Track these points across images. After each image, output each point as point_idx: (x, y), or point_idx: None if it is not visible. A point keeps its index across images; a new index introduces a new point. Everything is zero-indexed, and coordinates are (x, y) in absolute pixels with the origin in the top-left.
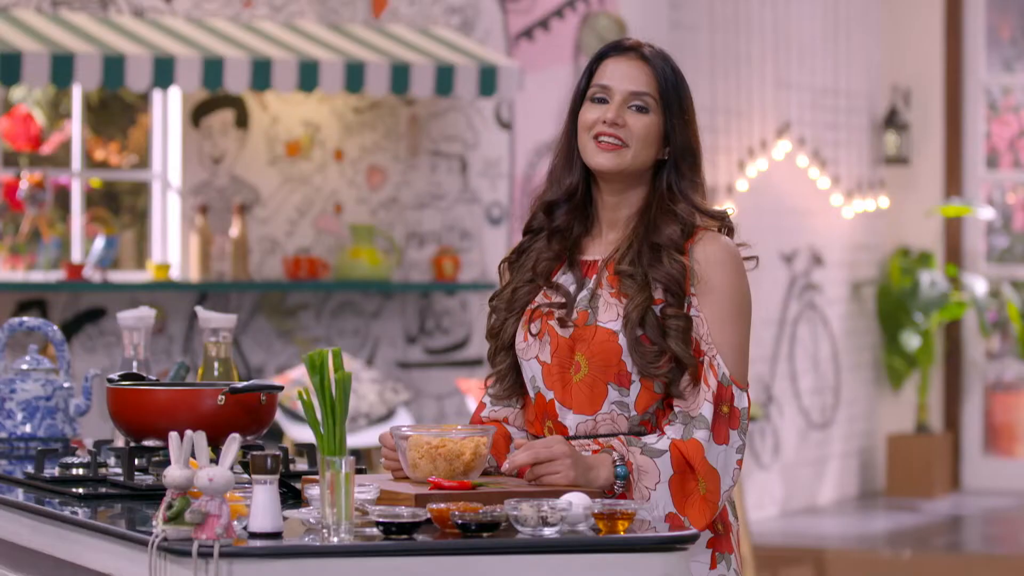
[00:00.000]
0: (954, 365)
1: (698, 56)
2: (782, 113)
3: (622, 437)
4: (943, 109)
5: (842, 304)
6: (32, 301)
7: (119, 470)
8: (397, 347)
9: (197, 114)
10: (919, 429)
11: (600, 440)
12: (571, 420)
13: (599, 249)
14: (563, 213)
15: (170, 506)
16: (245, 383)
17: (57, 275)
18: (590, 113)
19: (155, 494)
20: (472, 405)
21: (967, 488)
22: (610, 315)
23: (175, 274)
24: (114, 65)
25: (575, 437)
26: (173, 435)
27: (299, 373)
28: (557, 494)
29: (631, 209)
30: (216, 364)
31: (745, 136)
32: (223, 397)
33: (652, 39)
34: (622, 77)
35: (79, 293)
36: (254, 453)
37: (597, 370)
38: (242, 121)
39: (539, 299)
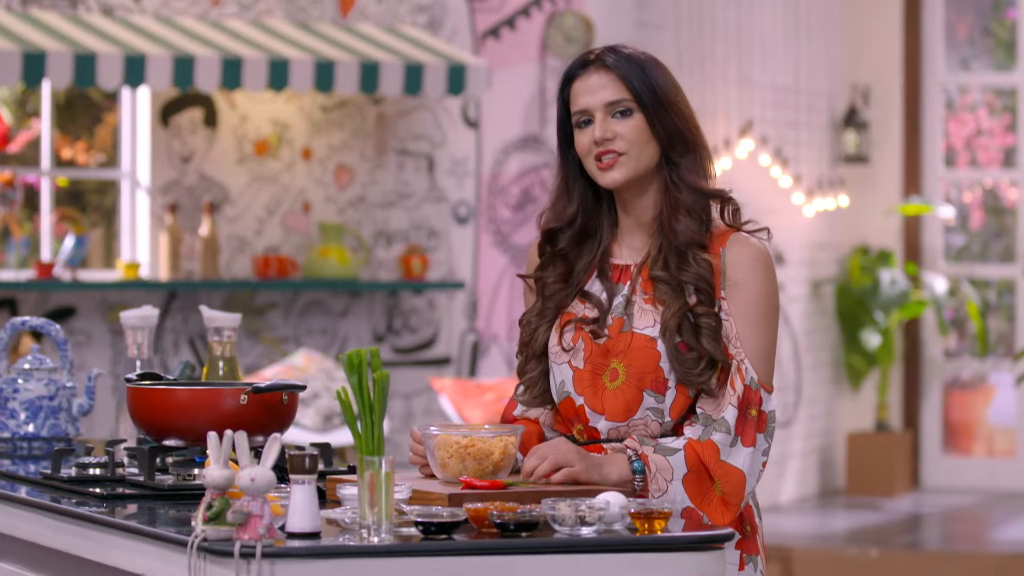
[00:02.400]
0: (913, 364)
1: (664, 55)
2: (745, 112)
3: (635, 436)
4: (902, 108)
5: (802, 303)
6: (2, 300)
7: (135, 470)
8: (365, 346)
9: (166, 113)
10: (879, 427)
11: (614, 444)
12: (603, 425)
13: (630, 253)
14: (566, 238)
15: (210, 506)
16: (268, 382)
17: (27, 274)
18: (582, 139)
19: (176, 494)
20: (445, 405)
21: (926, 486)
22: (646, 321)
23: (144, 273)
24: (85, 63)
25: (607, 440)
26: (212, 435)
27: (271, 373)
28: (592, 493)
29: (654, 210)
30: (221, 363)
31: (709, 135)
32: (246, 396)
33: (618, 38)
34: (594, 92)
35: (49, 292)
36: (292, 453)
37: (634, 377)
38: (211, 120)
39: (574, 307)
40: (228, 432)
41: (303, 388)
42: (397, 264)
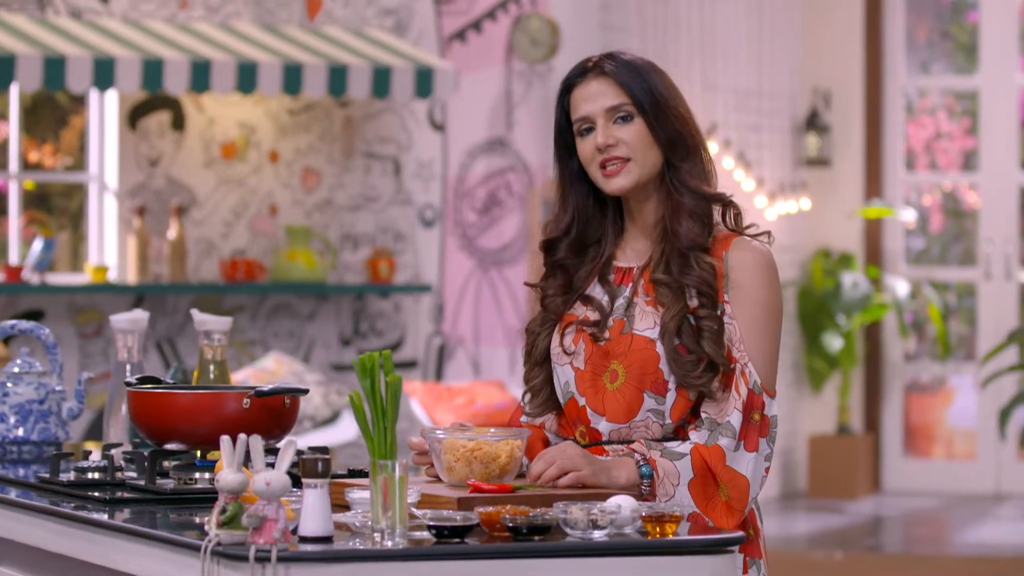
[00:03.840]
0: (874, 366)
1: None
2: (709, 115)
3: (642, 440)
4: (863, 111)
5: None
6: None
7: (133, 473)
8: (331, 349)
9: (134, 116)
10: (840, 430)
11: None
12: (604, 427)
13: (633, 256)
14: (563, 248)
15: (224, 510)
16: (271, 386)
17: None
18: (584, 147)
19: (178, 498)
20: (415, 408)
21: (887, 489)
22: (647, 323)
23: (113, 276)
24: (54, 66)
25: (608, 442)
26: (225, 439)
27: (242, 377)
28: (601, 497)
29: (657, 213)
30: (212, 367)
31: None
32: (248, 400)
33: (583, 41)
34: (593, 99)
35: (17, 295)
36: (304, 457)
37: (634, 379)
38: (178, 123)
39: (576, 309)
40: (242, 436)
41: (305, 392)
42: (364, 267)
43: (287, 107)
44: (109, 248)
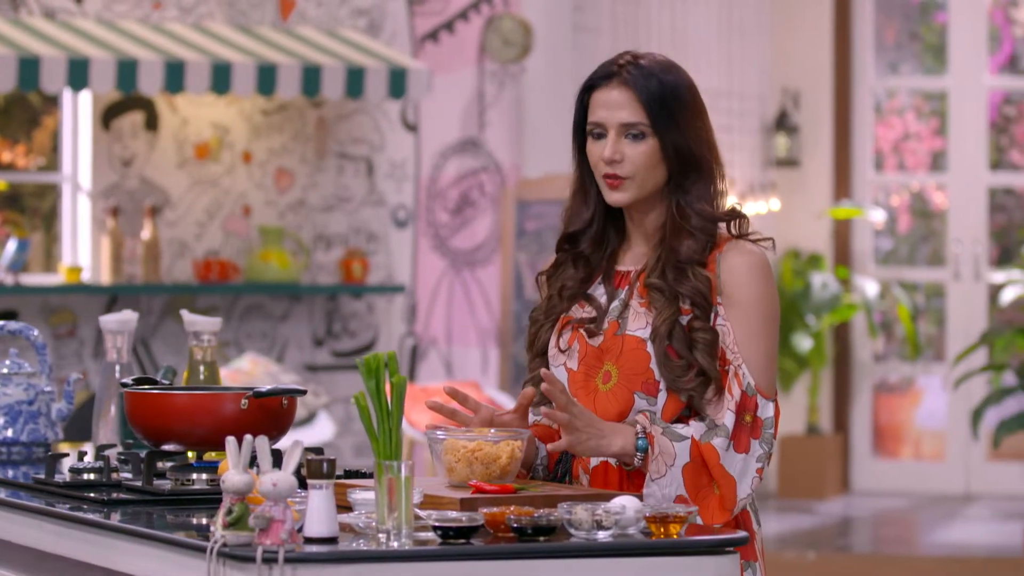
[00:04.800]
0: (843, 367)
1: (600, 57)
2: None
3: (647, 413)
4: (832, 112)
5: None
6: None
7: (128, 475)
8: (304, 350)
9: (107, 116)
10: (810, 431)
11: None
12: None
13: (633, 260)
14: (586, 240)
15: (229, 511)
16: (269, 387)
17: None
18: (593, 150)
19: (176, 500)
20: None
21: (857, 489)
22: (639, 324)
23: (86, 277)
24: (29, 67)
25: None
26: (231, 440)
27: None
28: (607, 497)
29: (658, 222)
30: (201, 368)
31: None
32: (246, 401)
33: (555, 42)
34: (611, 109)
35: None
36: (310, 458)
37: (626, 379)
38: (152, 123)
39: (573, 310)
40: (248, 437)
41: (303, 393)
42: (337, 268)
43: (260, 107)
44: (83, 249)
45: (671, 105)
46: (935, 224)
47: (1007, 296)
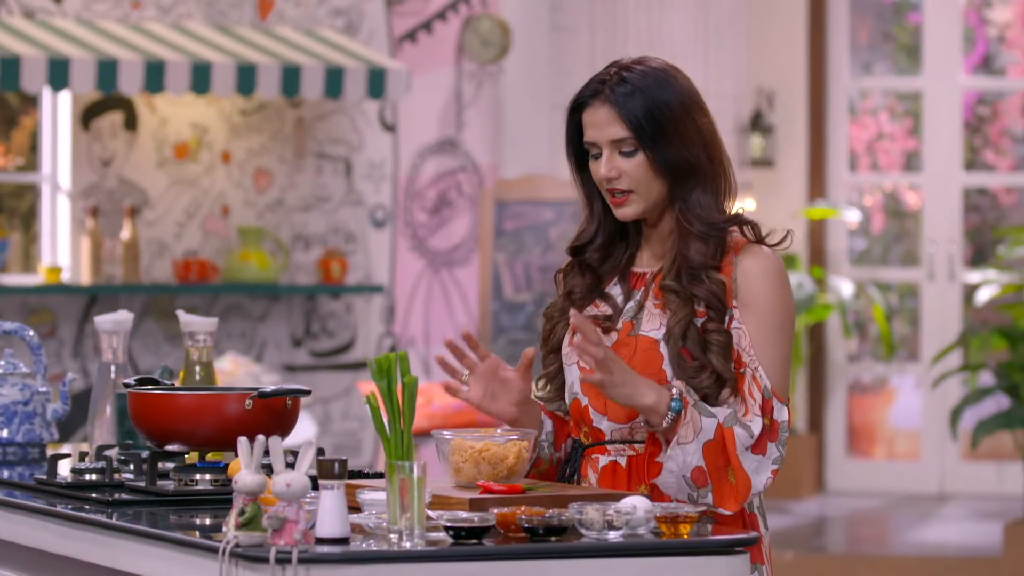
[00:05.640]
0: (818, 367)
1: (577, 58)
2: None
3: (683, 381)
4: (807, 112)
5: None
6: None
7: (130, 475)
8: (283, 350)
9: (86, 116)
10: None
11: (636, 447)
12: (606, 426)
13: (650, 261)
14: (591, 252)
15: (242, 512)
16: (273, 387)
17: None
18: (595, 170)
19: (180, 500)
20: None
21: (831, 489)
22: (652, 324)
23: (66, 277)
24: (10, 67)
25: (611, 441)
26: (243, 440)
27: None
28: (616, 497)
29: (669, 227)
30: (198, 368)
31: None
32: (251, 401)
33: (534, 42)
34: (599, 128)
35: None
36: (321, 459)
37: None
38: (131, 123)
39: (589, 309)
40: (260, 438)
41: (308, 393)
42: (315, 268)
43: (239, 107)
44: (62, 249)
45: (657, 119)
46: (908, 224)
47: (982, 296)
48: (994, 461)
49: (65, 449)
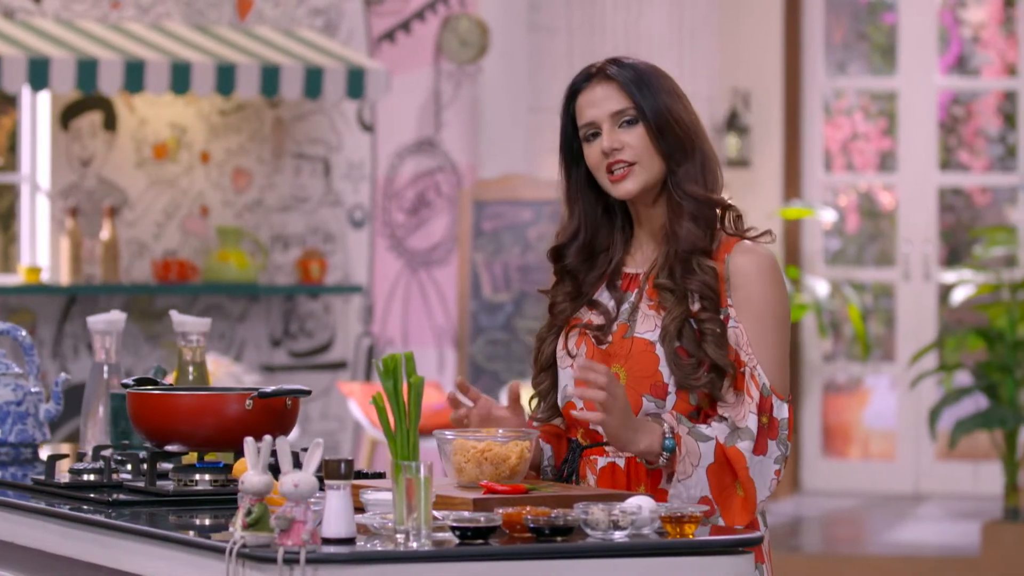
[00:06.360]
0: (794, 367)
1: (555, 58)
2: None
3: (673, 412)
4: (782, 112)
5: None
6: None
7: (128, 476)
8: (262, 350)
9: (66, 116)
10: None
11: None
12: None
13: (641, 260)
14: (572, 254)
15: (249, 512)
16: (274, 388)
17: None
18: (591, 152)
19: (180, 500)
20: (354, 409)
21: (806, 489)
22: (647, 326)
23: (46, 277)
24: None
25: (607, 443)
26: (249, 440)
27: (171, 379)
28: (620, 497)
29: (663, 218)
30: (191, 368)
31: None
32: (251, 401)
33: (512, 42)
34: (598, 104)
35: None
36: (328, 459)
37: (635, 381)
38: (110, 123)
39: (580, 313)
40: (267, 438)
41: (308, 393)
42: (294, 268)
43: (218, 107)
44: (41, 249)
45: (652, 91)
46: (883, 224)
47: (957, 296)
48: (969, 461)
49: (52, 449)
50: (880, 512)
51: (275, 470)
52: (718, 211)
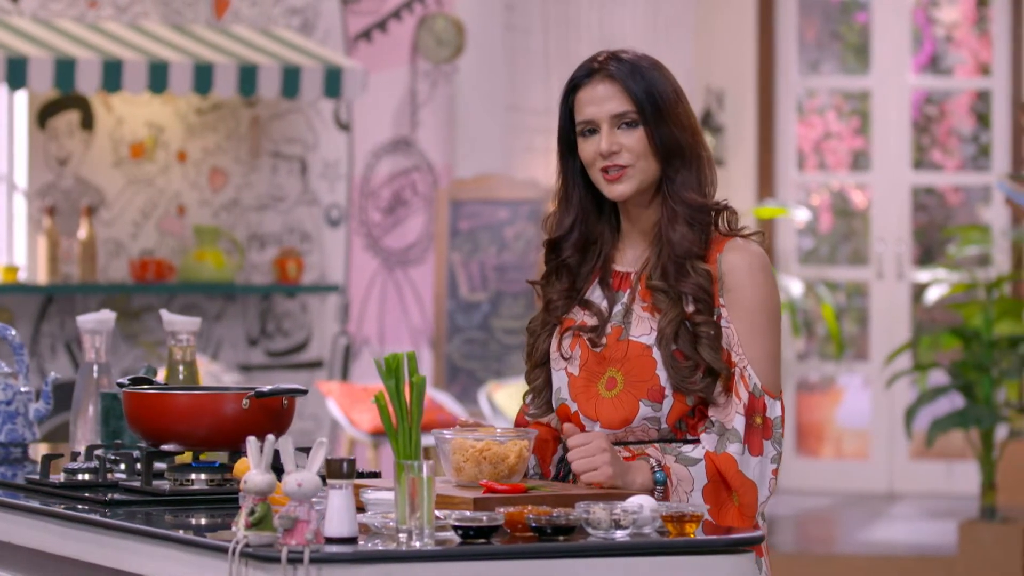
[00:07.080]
0: None
1: (531, 57)
2: None
3: (656, 445)
4: (756, 111)
5: None
6: None
7: (123, 475)
8: (239, 349)
9: (43, 115)
10: None
11: (631, 447)
12: (599, 430)
13: (631, 259)
14: (568, 247)
15: (252, 511)
16: (270, 387)
17: None
18: (587, 148)
19: (176, 500)
20: (332, 408)
21: (780, 488)
22: (643, 329)
23: (23, 276)
24: None
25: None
26: (252, 440)
27: (159, 378)
28: (621, 496)
29: (654, 218)
30: (181, 368)
31: None
32: (248, 401)
33: (488, 41)
34: (599, 103)
35: None
36: (330, 458)
37: (631, 385)
38: (87, 122)
39: (574, 312)
40: (270, 437)
41: (305, 392)
42: (271, 267)
43: (195, 107)
44: (19, 248)
45: (655, 93)
46: (856, 223)
47: (931, 295)
48: (943, 460)
49: (44, 448)
50: (854, 511)
51: (275, 470)
52: (713, 214)
